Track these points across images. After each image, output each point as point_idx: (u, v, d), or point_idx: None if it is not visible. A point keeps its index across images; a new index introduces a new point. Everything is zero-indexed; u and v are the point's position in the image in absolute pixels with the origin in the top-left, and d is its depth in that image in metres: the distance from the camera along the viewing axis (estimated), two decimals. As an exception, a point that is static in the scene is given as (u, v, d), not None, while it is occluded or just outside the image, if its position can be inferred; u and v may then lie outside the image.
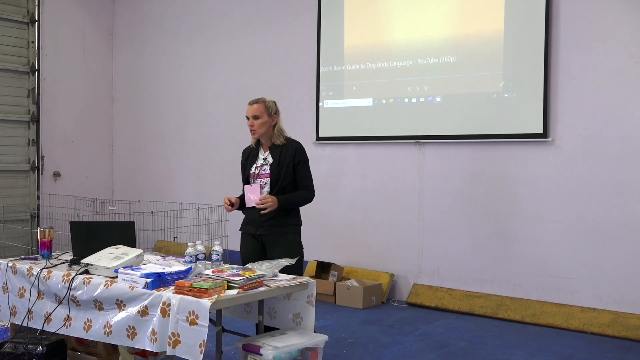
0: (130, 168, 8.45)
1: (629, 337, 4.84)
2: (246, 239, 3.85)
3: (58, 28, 7.93)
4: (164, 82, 8.09)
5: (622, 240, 5.02)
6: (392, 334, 4.95)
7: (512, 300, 5.48)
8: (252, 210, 3.74)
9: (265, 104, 3.76)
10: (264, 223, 3.70)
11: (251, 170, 3.81)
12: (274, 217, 3.67)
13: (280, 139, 3.75)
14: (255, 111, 3.73)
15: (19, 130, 7.69)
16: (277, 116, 3.78)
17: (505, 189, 5.56)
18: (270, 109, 3.75)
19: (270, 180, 3.71)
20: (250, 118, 3.75)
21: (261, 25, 7.15)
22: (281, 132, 3.79)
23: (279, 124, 3.79)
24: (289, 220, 3.74)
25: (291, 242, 3.74)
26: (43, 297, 3.47)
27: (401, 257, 6.13)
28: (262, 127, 3.73)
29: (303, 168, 3.76)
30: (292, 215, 3.76)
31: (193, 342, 2.80)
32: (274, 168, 3.70)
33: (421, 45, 5.96)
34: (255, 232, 3.76)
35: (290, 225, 3.75)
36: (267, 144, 3.80)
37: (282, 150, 3.73)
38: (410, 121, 6.04)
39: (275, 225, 3.70)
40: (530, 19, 5.36)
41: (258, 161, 3.81)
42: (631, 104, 4.98)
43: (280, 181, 3.69)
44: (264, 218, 3.68)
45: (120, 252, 3.40)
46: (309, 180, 3.79)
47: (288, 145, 3.75)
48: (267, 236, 3.73)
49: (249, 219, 3.82)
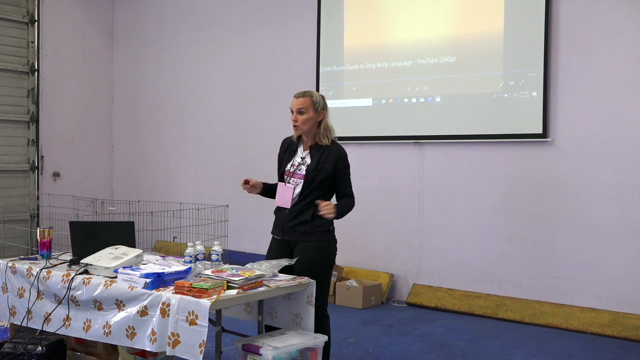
0: (130, 168, 8.45)
1: (629, 337, 4.84)
2: (273, 243, 3.61)
3: (58, 28, 7.93)
4: (164, 82, 8.09)
5: (622, 240, 5.02)
6: (391, 334, 4.95)
7: (511, 300, 5.48)
8: (281, 212, 3.54)
9: (312, 97, 3.48)
10: (290, 229, 3.48)
11: (287, 166, 3.56)
12: (300, 224, 3.45)
13: (325, 140, 3.48)
14: (300, 104, 3.46)
15: (19, 130, 7.69)
16: (324, 112, 3.50)
17: (505, 189, 5.56)
18: (317, 104, 3.47)
19: (304, 182, 3.45)
20: (294, 112, 3.49)
21: (261, 25, 7.15)
22: (328, 131, 3.51)
23: (326, 121, 3.51)
24: (316, 227, 3.45)
25: (317, 248, 3.46)
26: (42, 297, 3.47)
27: (401, 257, 6.13)
28: (307, 123, 3.46)
29: (345, 175, 3.51)
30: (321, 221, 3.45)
31: (193, 342, 2.80)
32: (310, 171, 3.44)
33: (421, 45, 5.96)
34: (282, 237, 3.52)
35: (317, 232, 3.46)
36: (309, 142, 3.53)
37: (322, 153, 3.46)
38: (410, 121, 6.04)
39: (302, 232, 3.45)
40: (530, 19, 5.36)
41: (296, 158, 3.55)
42: (631, 104, 4.98)
43: (313, 186, 3.44)
44: (292, 223, 3.46)
45: (120, 252, 3.40)
46: (350, 187, 3.55)
47: (331, 149, 3.47)
48: (293, 242, 3.50)
49: (277, 222, 3.59)
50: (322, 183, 3.45)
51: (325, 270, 3.50)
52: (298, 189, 3.48)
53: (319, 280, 3.34)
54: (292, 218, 3.47)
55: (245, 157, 7.26)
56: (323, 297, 3.45)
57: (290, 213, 3.48)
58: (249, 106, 7.26)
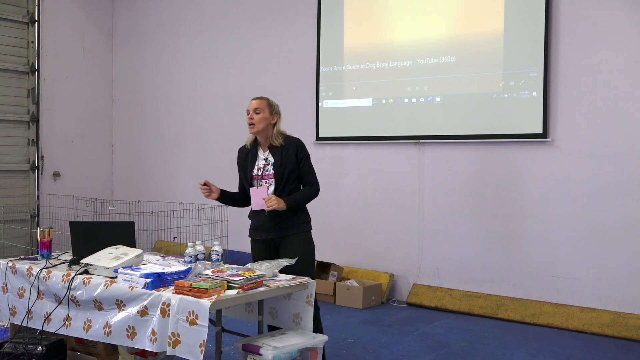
0: (130, 168, 8.45)
1: (629, 337, 4.84)
2: (257, 246, 3.77)
3: (58, 28, 7.93)
4: (164, 82, 8.09)
5: (622, 240, 5.02)
6: (391, 334, 4.95)
7: (511, 300, 5.48)
8: (260, 215, 3.67)
9: (268, 100, 3.72)
10: (274, 227, 3.64)
11: (253, 171, 3.74)
12: (282, 219, 3.62)
13: (278, 140, 3.69)
14: (257, 105, 3.69)
15: (19, 130, 7.69)
16: (277, 116, 3.73)
17: (505, 189, 5.56)
18: (272, 107, 3.71)
19: (275, 180, 3.65)
20: (250, 111, 3.70)
21: (261, 25, 7.15)
22: (279, 133, 3.73)
23: (278, 126, 3.74)
24: (297, 219, 3.68)
25: (302, 241, 3.68)
26: (43, 297, 3.47)
27: (401, 257, 6.13)
28: (262, 123, 3.67)
29: (306, 164, 3.71)
30: (299, 214, 3.70)
31: (193, 342, 2.80)
32: (277, 168, 3.64)
33: (421, 45, 5.96)
34: (267, 237, 3.69)
35: (299, 224, 3.69)
36: (266, 143, 3.73)
37: (282, 149, 3.67)
38: (410, 121, 6.04)
39: (285, 227, 3.64)
40: (530, 19, 5.36)
41: (259, 161, 3.74)
42: (631, 104, 4.98)
43: (284, 180, 3.64)
44: (274, 222, 3.62)
45: (120, 252, 3.40)
46: (312, 175, 3.74)
47: (288, 144, 3.69)
48: (278, 239, 3.67)
49: (257, 224, 3.73)
50: (290, 176, 3.65)
51: (312, 261, 3.74)
52: (271, 189, 3.66)
53: (309, 272, 3.54)
54: (273, 217, 3.62)
55: (246, 157, 7.26)
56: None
57: (270, 212, 3.59)
58: (249, 106, 7.25)
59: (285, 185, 3.64)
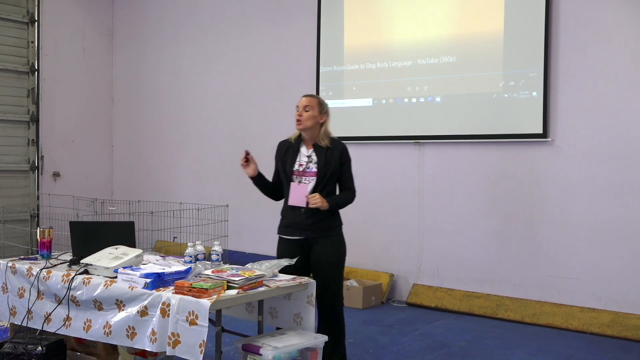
0: (130, 168, 8.45)
1: (629, 337, 4.84)
2: (287, 244, 3.69)
3: (58, 28, 7.93)
4: (164, 82, 8.09)
5: (622, 240, 5.02)
6: (391, 334, 4.95)
7: (511, 300, 5.48)
8: (296, 212, 3.63)
9: (318, 99, 3.70)
10: (310, 226, 3.61)
11: (294, 166, 3.67)
12: (320, 220, 3.60)
13: (325, 141, 3.66)
14: (307, 102, 3.65)
15: (19, 130, 7.69)
16: (326, 116, 3.69)
17: (504, 189, 5.56)
18: (322, 106, 3.68)
19: (317, 179, 3.61)
20: (300, 108, 3.65)
21: (261, 25, 7.15)
22: (327, 134, 3.69)
23: (326, 126, 3.69)
24: (333, 222, 3.69)
25: (336, 243, 3.70)
26: (43, 297, 3.47)
27: (401, 257, 6.12)
28: (309, 120, 3.62)
29: (348, 169, 3.70)
30: (335, 217, 3.71)
31: (193, 342, 2.80)
32: (321, 167, 3.60)
33: (421, 45, 5.96)
34: (301, 236, 3.64)
35: (335, 227, 3.70)
36: (311, 141, 3.69)
37: (327, 150, 3.64)
38: (410, 121, 6.04)
39: (321, 228, 3.62)
40: (530, 19, 5.35)
41: (301, 158, 3.68)
42: (631, 104, 4.98)
43: (325, 181, 3.61)
44: (311, 221, 3.59)
45: (120, 252, 3.40)
46: (351, 181, 3.74)
47: (334, 146, 3.66)
48: (313, 239, 3.64)
49: (292, 221, 3.67)
50: (331, 178, 3.63)
51: (343, 265, 3.79)
52: (310, 187, 3.61)
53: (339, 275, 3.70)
54: (310, 215, 3.58)
55: (245, 157, 7.26)
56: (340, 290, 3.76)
57: (308, 211, 3.57)
58: (249, 106, 7.26)
59: (325, 185, 3.61)
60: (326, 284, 3.58)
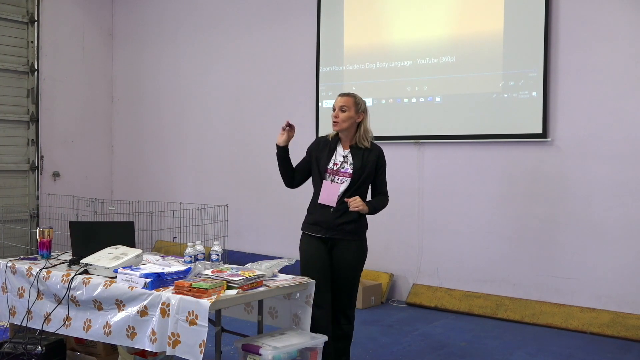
0: (130, 168, 8.45)
1: (629, 337, 4.84)
2: (312, 241, 3.59)
3: (57, 28, 7.93)
4: (164, 82, 8.09)
5: (622, 240, 5.02)
6: (391, 334, 4.95)
7: (511, 300, 5.48)
8: (325, 210, 3.52)
9: (355, 99, 3.56)
10: (337, 227, 3.50)
11: (329, 164, 3.56)
12: (348, 222, 3.50)
13: (365, 142, 3.56)
14: (343, 102, 3.53)
15: (19, 130, 7.69)
16: (364, 114, 3.57)
17: (504, 189, 5.56)
18: (359, 105, 3.55)
19: (351, 180, 3.51)
20: (336, 109, 3.55)
21: (261, 25, 7.15)
22: (367, 133, 3.59)
23: (365, 124, 3.59)
24: (360, 225, 3.58)
25: (359, 247, 3.59)
26: (42, 297, 3.47)
27: (400, 257, 6.13)
28: (346, 121, 3.52)
29: (383, 173, 3.63)
30: (363, 220, 3.60)
31: (193, 342, 2.80)
32: (357, 169, 3.51)
33: (421, 45, 5.96)
34: (325, 235, 3.53)
35: (360, 231, 3.59)
36: (348, 142, 3.59)
37: (364, 153, 3.55)
38: (410, 121, 6.04)
39: (347, 230, 3.51)
40: (529, 19, 5.36)
41: (337, 156, 3.58)
42: (631, 104, 4.98)
43: (359, 183, 3.52)
44: (339, 222, 3.49)
45: (120, 252, 3.40)
46: (385, 185, 3.67)
47: (371, 149, 3.58)
48: (336, 240, 3.53)
49: (319, 219, 3.55)
50: (365, 181, 3.55)
51: (360, 270, 3.67)
52: (343, 187, 3.51)
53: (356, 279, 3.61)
54: (339, 216, 3.49)
55: (245, 157, 7.27)
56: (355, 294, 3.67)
57: (337, 211, 3.49)
58: (249, 106, 7.26)
59: (359, 187, 3.53)
60: (341, 287, 3.54)
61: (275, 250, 6.78)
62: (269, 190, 6.95)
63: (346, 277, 3.54)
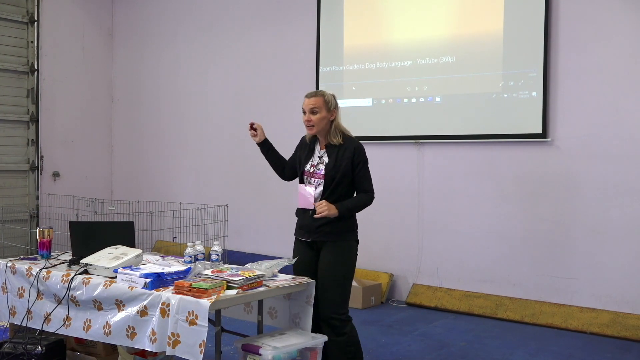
0: (130, 168, 8.45)
1: (628, 337, 4.84)
2: (300, 245, 3.53)
3: (57, 28, 7.93)
4: (164, 82, 8.09)
5: (622, 240, 5.02)
6: (391, 334, 4.95)
7: (511, 300, 5.48)
8: (305, 215, 3.45)
9: (324, 97, 3.42)
10: (317, 229, 3.39)
11: (306, 167, 3.48)
12: (328, 224, 3.36)
13: (337, 138, 3.41)
14: (313, 104, 3.38)
15: (19, 130, 7.69)
16: (336, 111, 3.44)
17: (504, 189, 5.56)
18: (329, 103, 3.41)
19: (324, 182, 3.38)
20: (307, 112, 3.40)
21: (261, 25, 7.15)
22: (338, 129, 3.44)
23: (337, 120, 3.45)
24: (342, 226, 3.39)
25: (343, 250, 3.41)
26: (42, 297, 3.47)
27: (400, 257, 6.13)
28: (321, 123, 3.39)
29: (362, 170, 3.40)
30: (345, 221, 3.41)
31: (193, 342, 2.80)
32: (329, 170, 3.36)
33: (421, 46, 5.96)
34: (308, 239, 3.46)
35: (345, 232, 3.41)
36: (324, 141, 3.47)
37: (339, 150, 3.38)
38: (410, 121, 6.04)
39: (330, 232, 3.37)
40: (529, 19, 5.36)
41: (314, 158, 3.48)
42: (631, 104, 4.99)
43: (334, 183, 3.36)
44: (318, 224, 3.37)
45: (120, 252, 3.40)
46: (368, 182, 3.44)
47: (346, 146, 3.40)
48: (321, 243, 3.42)
49: (302, 223, 3.50)
50: (341, 181, 3.37)
51: (348, 272, 3.44)
52: (319, 189, 3.41)
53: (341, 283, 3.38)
54: (317, 219, 3.36)
55: (245, 157, 7.26)
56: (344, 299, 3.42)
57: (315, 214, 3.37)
58: (249, 106, 7.25)
59: (335, 189, 3.37)
60: (325, 292, 3.35)
61: (275, 250, 6.78)
62: (269, 190, 6.95)
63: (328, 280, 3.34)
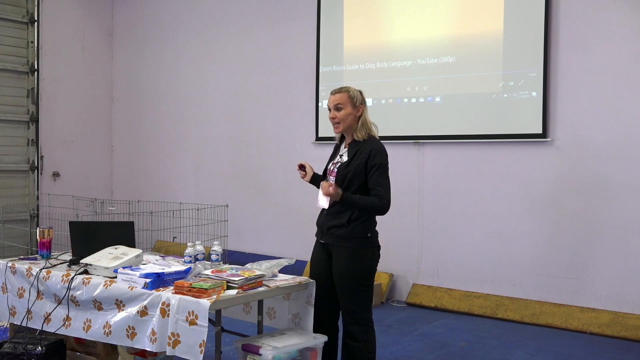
0: (130, 168, 8.45)
1: (628, 337, 4.84)
2: (316, 244, 3.44)
3: (57, 28, 7.93)
4: (164, 82, 8.09)
5: (622, 240, 5.02)
6: (391, 334, 4.95)
7: (511, 300, 5.48)
8: (322, 213, 3.37)
9: (349, 92, 3.28)
10: (328, 231, 3.28)
11: (329, 165, 3.39)
12: (338, 227, 3.23)
13: (362, 134, 3.27)
14: (337, 100, 3.26)
15: (19, 130, 7.69)
16: (362, 107, 3.31)
17: (504, 189, 5.56)
18: (355, 99, 3.28)
19: (336, 179, 3.24)
20: (332, 109, 3.29)
21: (261, 25, 7.15)
22: (366, 125, 3.30)
23: (365, 117, 3.31)
24: (352, 231, 3.23)
25: (354, 256, 3.25)
26: (42, 297, 3.47)
27: (400, 257, 6.12)
28: (347, 119, 3.26)
29: (376, 173, 3.19)
30: (356, 226, 3.24)
31: (193, 342, 2.80)
32: (342, 168, 3.24)
33: (421, 45, 5.96)
34: (322, 239, 3.36)
35: (354, 238, 3.24)
36: (349, 139, 3.33)
37: (358, 149, 3.24)
38: (410, 121, 6.04)
39: (338, 236, 3.24)
40: (529, 18, 5.36)
41: (336, 157, 3.38)
42: (631, 104, 4.99)
43: (345, 183, 3.20)
44: (328, 225, 3.26)
45: (120, 252, 3.40)
46: (381, 186, 3.19)
47: (366, 145, 3.24)
48: (332, 246, 3.30)
49: (318, 223, 3.41)
50: (352, 181, 3.20)
51: (362, 279, 3.29)
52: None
53: (356, 290, 3.23)
54: (329, 220, 3.27)
55: (245, 157, 7.27)
56: (361, 306, 3.28)
57: (328, 214, 3.28)
58: (249, 106, 7.26)
59: (346, 189, 3.20)
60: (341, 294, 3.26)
61: (275, 250, 6.79)
62: (269, 190, 6.95)
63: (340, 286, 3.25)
